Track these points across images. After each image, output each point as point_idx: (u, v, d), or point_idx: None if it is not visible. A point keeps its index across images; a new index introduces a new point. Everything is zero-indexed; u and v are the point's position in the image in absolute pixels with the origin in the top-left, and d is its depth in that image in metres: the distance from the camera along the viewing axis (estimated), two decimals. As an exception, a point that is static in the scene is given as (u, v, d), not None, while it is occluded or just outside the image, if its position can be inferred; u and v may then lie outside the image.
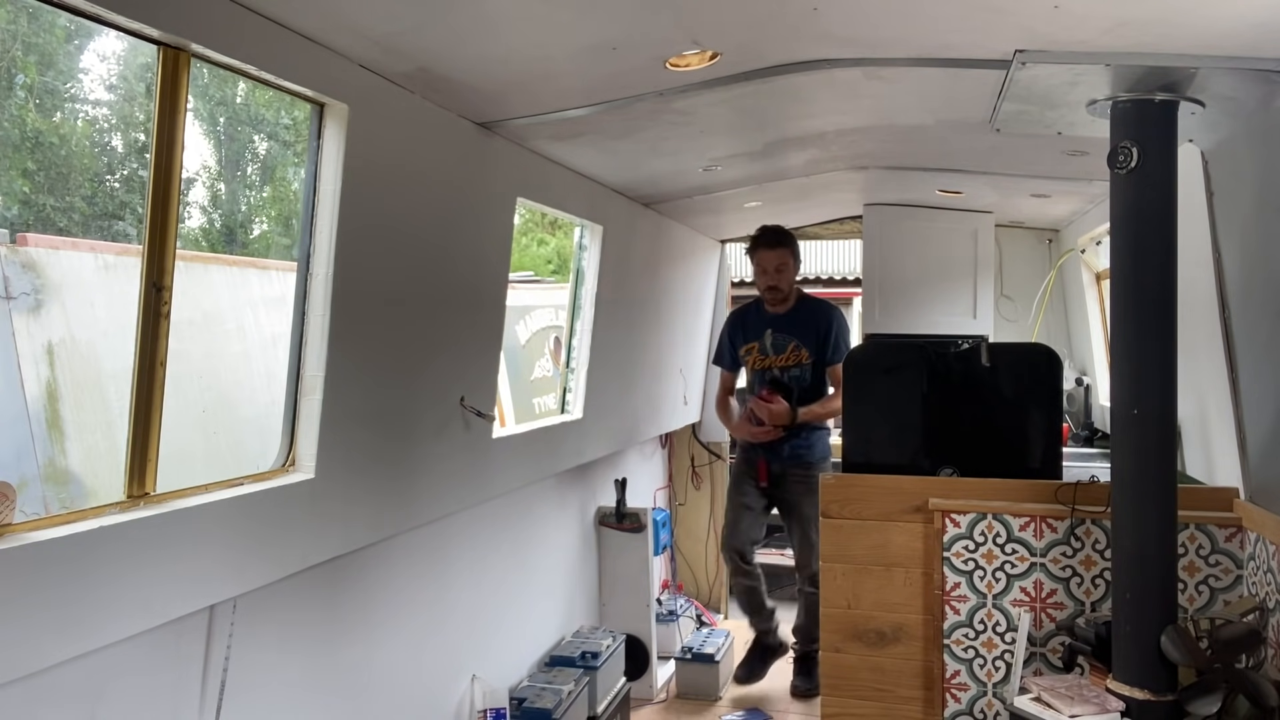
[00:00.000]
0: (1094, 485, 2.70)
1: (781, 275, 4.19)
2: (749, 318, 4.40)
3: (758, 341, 4.31)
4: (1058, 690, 2.31)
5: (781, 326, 4.26)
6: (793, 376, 4.23)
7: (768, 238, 4.19)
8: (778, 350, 4.26)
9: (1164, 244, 2.22)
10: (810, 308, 4.31)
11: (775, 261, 4.18)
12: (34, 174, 2.40)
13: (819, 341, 4.21)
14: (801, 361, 4.22)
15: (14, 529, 1.57)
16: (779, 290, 4.21)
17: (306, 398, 2.24)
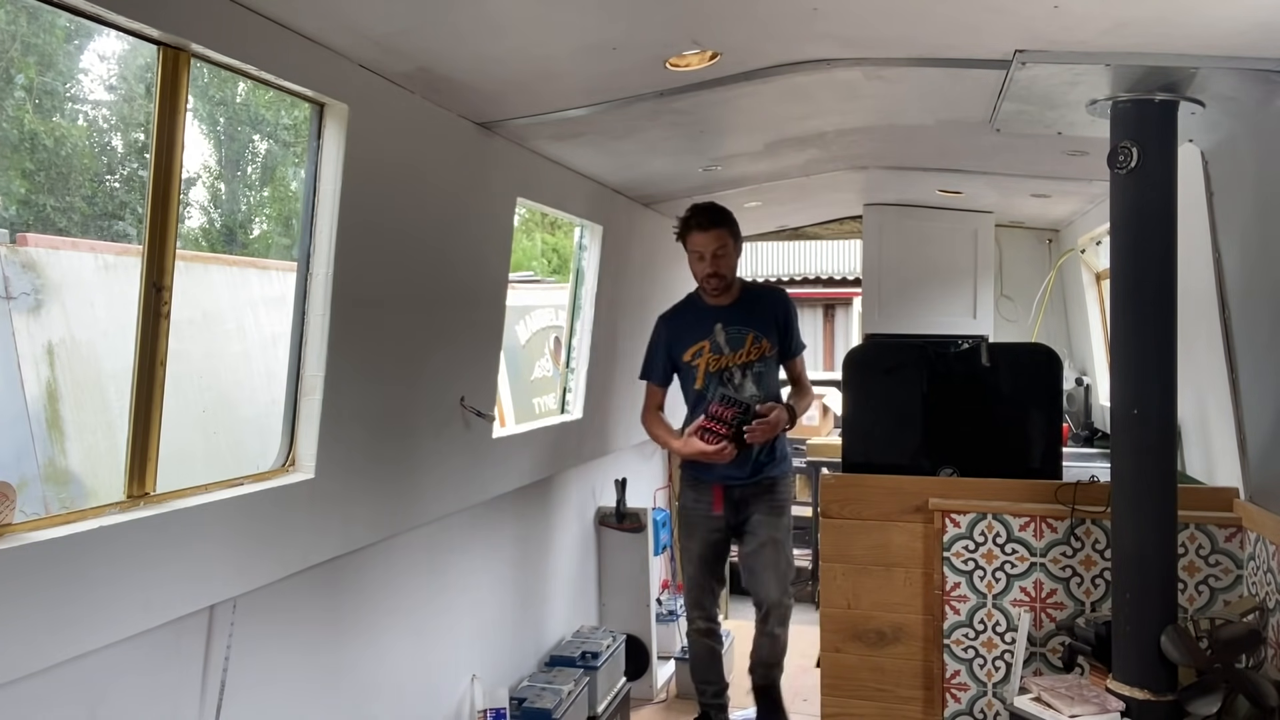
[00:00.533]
0: (1094, 485, 2.70)
1: (722, 260, 3.44)
2: (688, 316, 3.61)
3: (708, 340, 3.52)
4: (1058, 690, 2.31)
5: (733, 319, 3.53)
6: (756, 373, 3.51)
7: (701, 217, 3.40)
8: (734, 345, 3.50)
9: (1164, 244, 2.22)
10: (760, 295, 3.65)
11: (714, 245, 3.40)
12: (33, 174, 2.40)
13: (779, 330, 3.55)
14: (765, 354, 3.52)
15: (14, 529, 1.57)
16: (721, 278, 3.45)
17: (306, 398, 2.24)
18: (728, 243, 3.42)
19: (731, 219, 3.44)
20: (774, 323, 3.52)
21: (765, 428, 3.30)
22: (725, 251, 3.42)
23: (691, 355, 3.51)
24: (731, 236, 3.44)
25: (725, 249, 3.41)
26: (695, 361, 3.50)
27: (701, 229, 3.37)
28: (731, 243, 3.45)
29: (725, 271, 3.44)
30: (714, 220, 3.37)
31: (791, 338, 3.57)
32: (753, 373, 3.48)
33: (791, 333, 3.57)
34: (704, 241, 3.38)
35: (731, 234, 3.44)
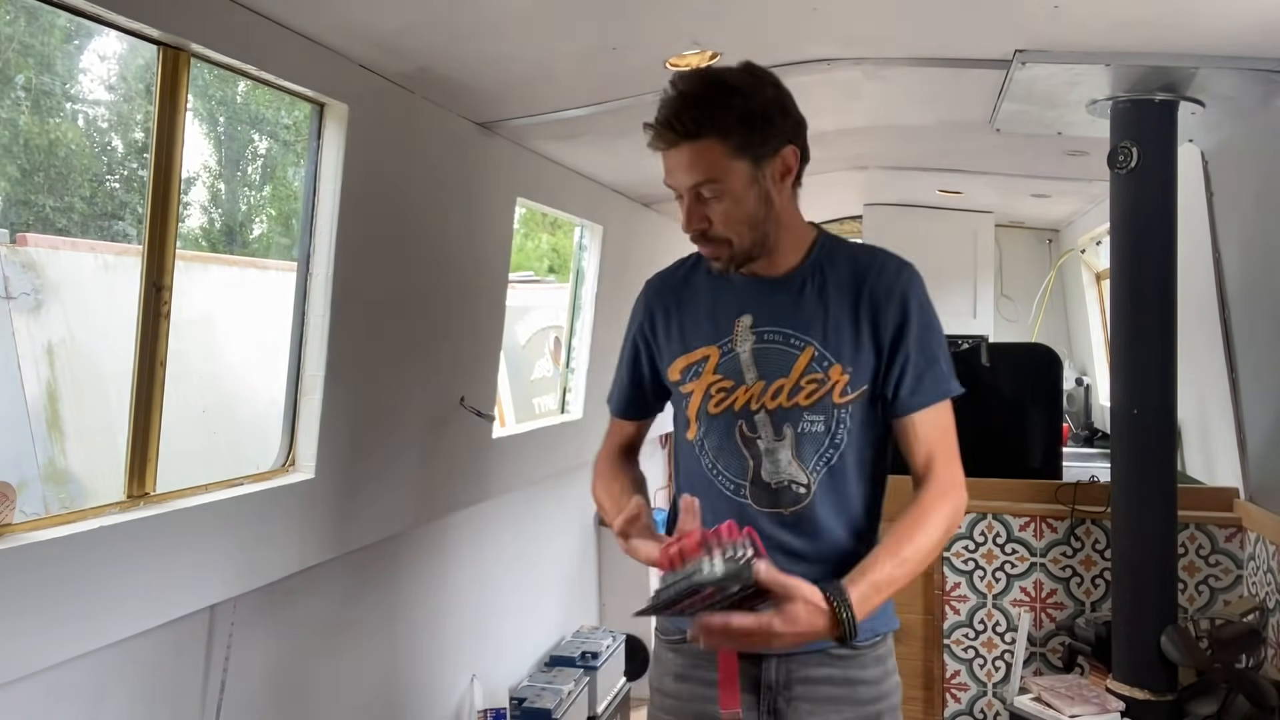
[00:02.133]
0: (1094, 485, 2.70)
1: (715, 205, 1.46)
2: (694, 288, 1.63)
3: (718, 345, 1.56)
4: (1058, 690, 2.31)
5: (779, 307, 1.54)
6: (808, 434, 1.51)
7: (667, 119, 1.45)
8: (770, 366, 1.53)
9: (1164, 244, 2.22)
10: (853, 262, 1.56)
11: (691, 175, 1.46)
12: (33, 174, 2.40)
13: (883, 346, 1.53)
14: (835, 395, 1.51)
15: (14, 529, 1.57)
16: (719, 244, 1.49)
17: (306, 398, 2.24)
18: (719, 164, 1.42)
19: (733, 109, 1.42)
20: (871, 328, 1.52)
21: (750, 630, 1.31)
22: (720, 188, 1.44)
23: (683, 371, 1.59)
24: (735, 150, 1.42)
25: (720, 181, 1.43)
26: (688, 385, 1.58)
27: (668, 141, 1.46)
28: (736, 164, 1.43)
29: (724, 230, 1.46)
30: (693, 124, 1.42)
31: (910, 365, 1.52)
32: (801, 433, 1.51)
33: (912, 357, 1.52)
34: (675, 167, 1.47)
35: (734, 145, 1.42)
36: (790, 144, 1.47)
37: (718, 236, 1.48)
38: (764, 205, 1.47)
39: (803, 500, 1.52)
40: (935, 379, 1.52)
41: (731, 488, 1.55)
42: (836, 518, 1.54)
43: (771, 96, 1.45)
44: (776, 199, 1.48)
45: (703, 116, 1.42)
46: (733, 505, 1.53)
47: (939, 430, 1.53)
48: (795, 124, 1.48)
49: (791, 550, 1.51)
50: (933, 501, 1.48)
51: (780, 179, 1.48)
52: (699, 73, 1.50)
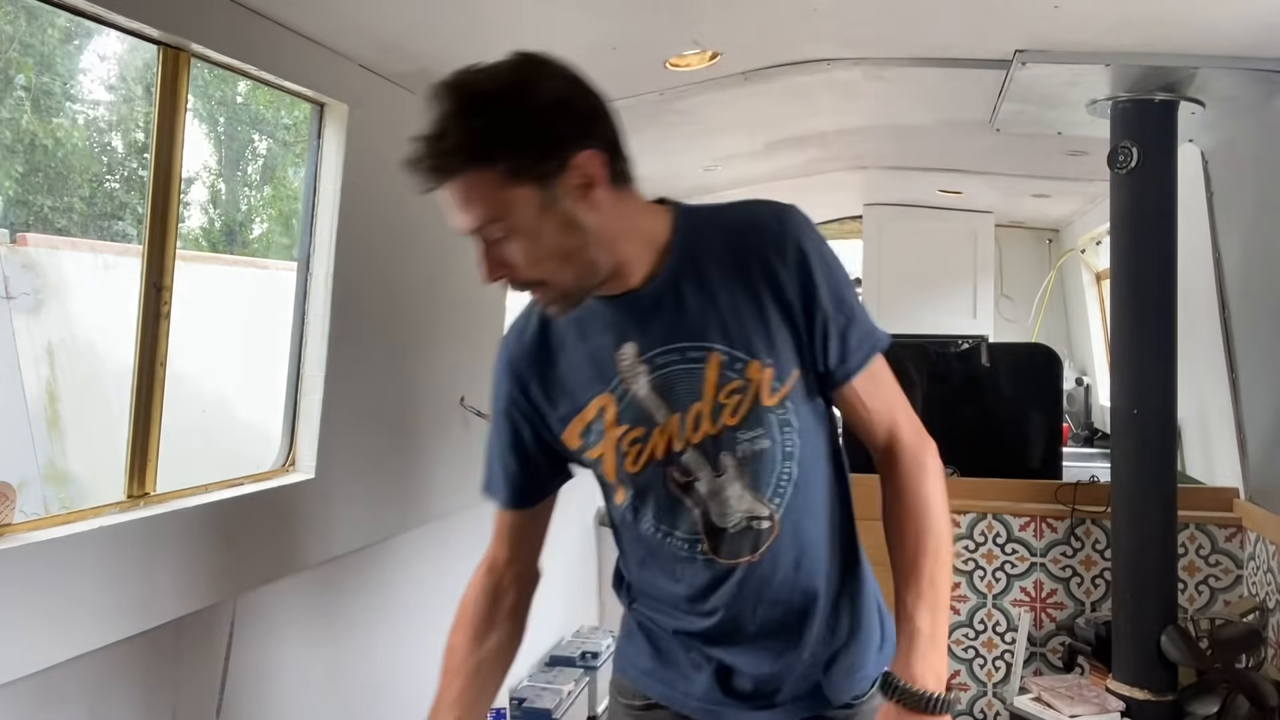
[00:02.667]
0: (1094, 485, 2.70)
1: (506, 245, 1.13)
2: (550, 336, 1.30)
3: (609, 391, 1.24)
4: (1058, 690, 2.31)
5: (656, 318, 1.23)
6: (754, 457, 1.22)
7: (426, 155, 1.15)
8: (676, 393, 1.22)
9: (1164, 244, 2.22)
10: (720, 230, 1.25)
11: (470, 214, 1.13)
12: (32, 174, 2.41)
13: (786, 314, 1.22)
14: (760, 400, 1.21)
15: (14, 529, 1.57)
16: (529, 286, 1.19)
17: (306, 398, 2.24)
18: (494, 199, 1.11)
19: (497, 126, 1.10)
20: (775, 300, 1.22)
21: None
22: (506, 225, 1.13)
23: (582, 435, 1.30)
24: (510, 176, 1.10)
25: (503, 218, 1.12)
26: (594, 449, 1.29)
27: (431, 181, 1.17)
28: (517, 193, 1.11)
29: (531, 273, 1.16)
30: (450, 157, 1.13)
31: (832, 328, 1.24)
32: (743, 457, 1.23)
33: (831, 316, 1.23)
34: (453, 208, 1.16)
35: (506, 171, 1.10)
36: (583, 148, 1.12)
37: (528, 281, 1.17)
38: (570, 232, 1.13)
39: (768, 536, 1.24)
40: (862, 334, 1.25)
41: (686, 548, 1.26)
42: (816, 541, 1.28)
43: (547, 96, 1.12)
44: (588, 218, 1.14)
45: (459, 144, 1.10)
46: (696, 567, 1.26)
47: (885, 388, 1.29)
48: (587, 120, 1.15)
49: (778, 601, 1.27)
50: (920, 481, 1.28)
51: (583, 193, 1.13)
52: (453, 85, 1.12)
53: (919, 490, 1.28)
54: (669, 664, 1.36)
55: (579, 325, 1.26)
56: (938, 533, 1.26)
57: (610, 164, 1.17)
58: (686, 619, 1.32)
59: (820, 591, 1.29)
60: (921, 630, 1.18)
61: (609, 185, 1.16)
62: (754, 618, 1.27)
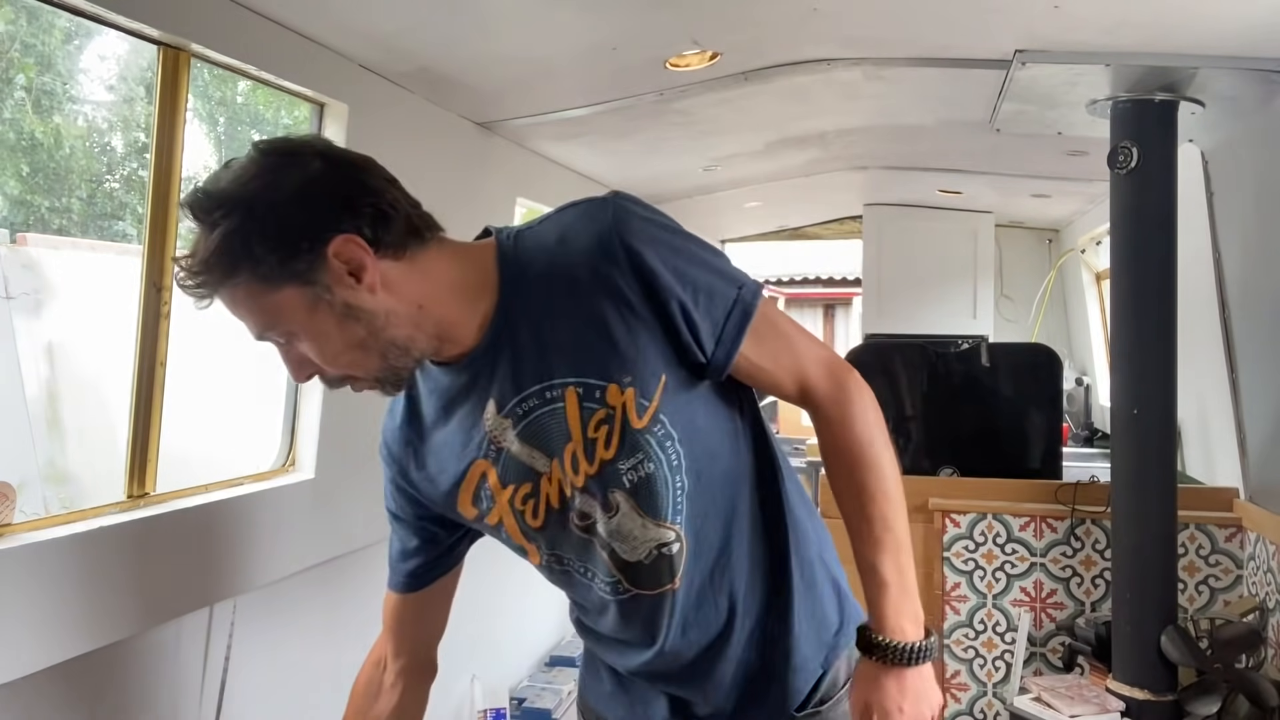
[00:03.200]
0: (1094, 485, 2.70)
1: (300, 343, 1.12)
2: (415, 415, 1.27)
3: (483, 457, 1.19)
4: (1058, 690, 2.31)
5: (504, 370, 1.15)
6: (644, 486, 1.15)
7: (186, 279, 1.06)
8: (547, 438, 1.16)
9: (1164, 244, 2.22)
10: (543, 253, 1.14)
11: (248, 323, 1.11)
12: (32, 175, 2.40)
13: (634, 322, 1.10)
14: (629, 424, 1.12)
15: (14, 529, 1.57)
16: (350, 380, 1.19)
17: (306, 398, 2.24)
18: (265, 305, 1.07)
19: (234, 236, 1.03)
20: (618, 310, 1.10)
21: None
22: (287, 329, 1.10)
23: (474, 500, 1.24)
24: (265, 282, 1.05)
25: (281, 323, 1.09)
26: (491, 515, 1.24)
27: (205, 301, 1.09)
28: (281, 295, 1.06)
29: (338, 369, 1.17)
30: (204, 277, 1.06)
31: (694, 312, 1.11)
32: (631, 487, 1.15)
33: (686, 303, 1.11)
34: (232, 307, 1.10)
35: (260, 278, 1.05)
36: (336, 234, 1.04)
37: (336, 377, 1.16)
38: (355, 322, 1.08)
39: (681, 558, 1.17)
40: (725, 301, 1.11)
41: (609, 589, 1.22)
42: (727, 538, 1.20)
43: (285, 191, 1.04)
44: (369, 303, 1.07)
45: (204, 263, 1.04)
46: (627, 605, 1.22)
47: (776, 341, 1.15)
48: (338, 202, 1.05)
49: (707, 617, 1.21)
50: (846, 422, 1.15)
51: (355, 280, 1.05)
52: (193, 198, 1.05)
53: (847, 431, 1.15)
54: (628, 689, 1.34)
55: (441, 396, 1.21)
56: (879, 469, 1.14)
57: (376, 242, 1.06)
58: (632, 654, 1.27)
59: (741, 589, 1.21)
60: (888, 579, 1.13)
61: (389, 259, 1.08)
62: (691, 641, 1.22)
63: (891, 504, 1.14)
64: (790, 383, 1.17)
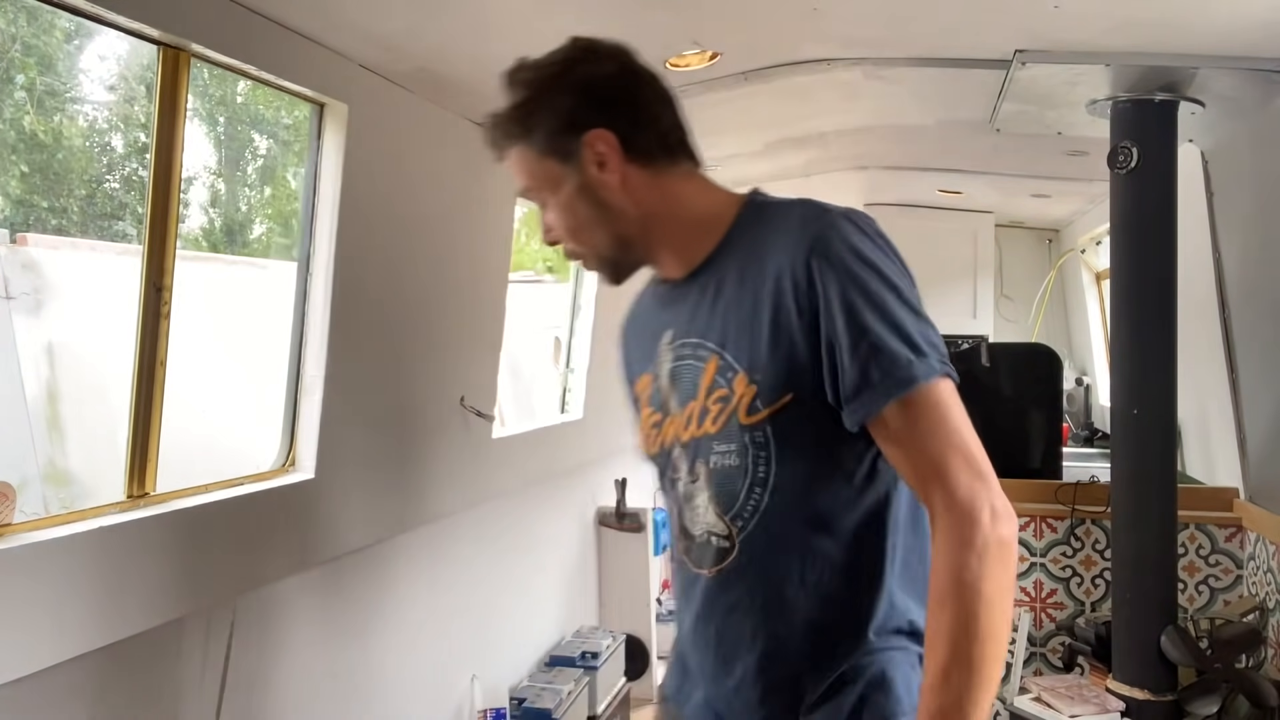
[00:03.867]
0: (1094, 485, 2.70)
1: (548, 210, 1.27)
2: (643, 311, 1.39)
3: (650, 370, 1.30)
4: (1058, 690, 2.31)
5: (687, 308, 1.24)
6: (723, 475, 1.17)
7: (485, 133, 1.26)
8: (683, 386, 1.22)
9: (1164, 244, 2.22)
10: (765, 227, 1.20)
11: (520, 183, 1.27)
12: (32, 174, 2.40)
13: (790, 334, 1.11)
14: (736, 415, 1.14)
15: (14, 529, 1.57)
16: (576, 253, 1.29)
17: (306, 398, 2.24)
18: (529, 172, 1.25)
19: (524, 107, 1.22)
20: (785, 316, 1.12)
21: None
22: (540, 196, 1.27)
23: (634, 406, 1.38)
24: (540, 152, 1.22)
25: (537, 189, 1.26)
26: (639, 421, 1.36)
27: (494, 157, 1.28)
28: (544, 166, 1.23)
29: (569, 241, 1.28)
30: (496, 134, 1.26)
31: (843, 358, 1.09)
32: (713, 469, 1.19)
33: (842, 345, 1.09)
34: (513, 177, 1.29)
35: (536, 147, 1.22)
36: (595, 127, 1.19)
37: (571, 249, 1.27)
38: (595, 206, 1.21)
39: (727, 556, 1.17)
40: (887, 366, 1.06)
41: (674, 546, 1.27)
42: (788, 578, 1.14)
43: (574, 80, 1.21)
44: (607, 195, 1.21)
45: (500, 123, 1.23)
46: (678, 567, 1.27)
47: (926, 434, 1.06)
48: (607, 102, 1.21)
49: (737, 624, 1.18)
50: (953, 558, 1.02)
51: (599, 169, 1.20)
52: (510, 69, 1.24)
53: (957, 564, 1.02)
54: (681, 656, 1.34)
55: (655, 303, 1.33)
56: (972, 621, 1.00)
57: (629, 144, 1.20)
58: (681, 613, 1.30)
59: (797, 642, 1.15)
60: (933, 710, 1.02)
61: (634, 164, 1.21)
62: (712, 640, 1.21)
63: (971, 662, 1.00)
64: (918, 479, 1.08)
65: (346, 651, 2.67)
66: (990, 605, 1.01)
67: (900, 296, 1.10)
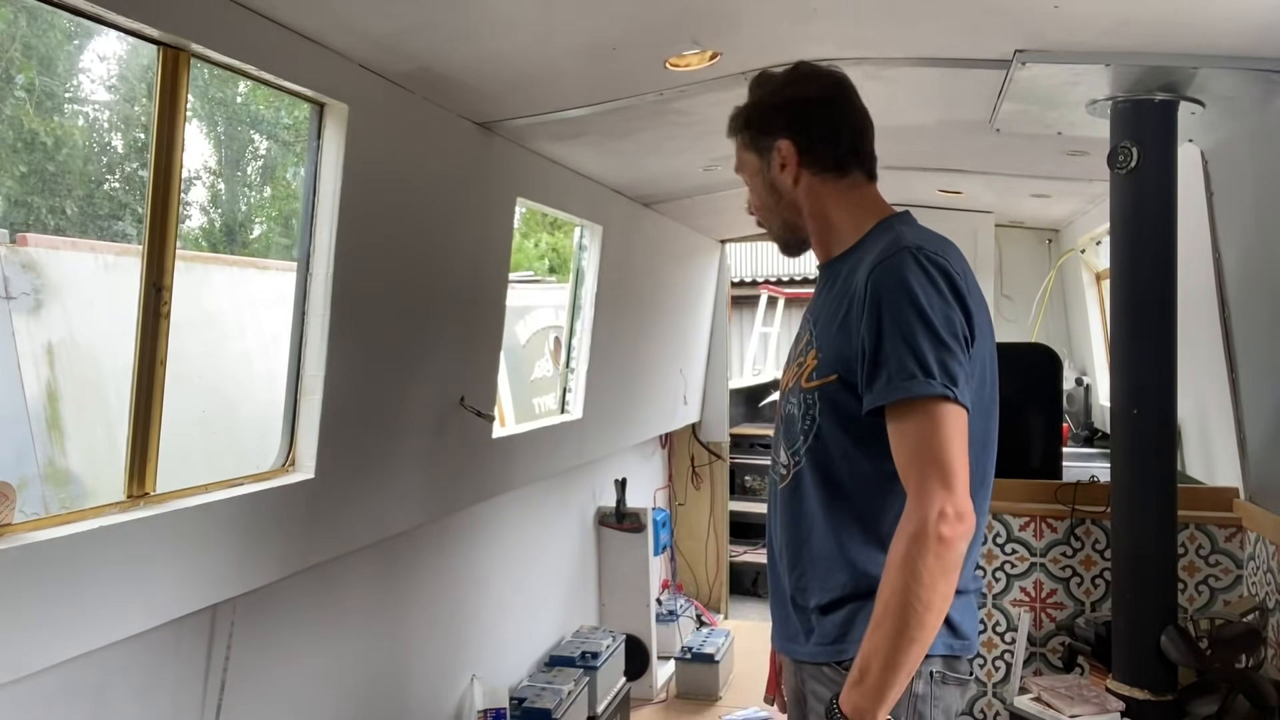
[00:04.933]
0: (1094, 485, 2.70)
1: (748, 189, 1.74)
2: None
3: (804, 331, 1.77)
4: (1058, 690, 2.31)
5: (816, 293, 1.73)
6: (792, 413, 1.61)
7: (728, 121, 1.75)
8: (795, 350, 1.70)
9: (1164, 244, 2.22)
10: (864, 254, 1.56)
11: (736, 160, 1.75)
12: (32, 174, 2.40)
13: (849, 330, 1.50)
14: (800, 379, 1.59)
15: (14, 529, 1.57)
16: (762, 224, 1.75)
17: (306, 398, 2.24)
18: (740, 158, 1.71)
19: (746, 110, 1.68)
20: (849, 315, 1.50)
21: None
22: (744, 177, 1.72)
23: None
24: (746, 145, 1.69)
25: (741, 171, 1.72)
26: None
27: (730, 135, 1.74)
28: (747, 157, 1.69)
29: (755, 214, 1.73)
30: (730, 124, 1.71)
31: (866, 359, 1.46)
32: (785, 414, 1.64)
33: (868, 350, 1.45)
34: None
35: (746, 142, 1.69)
36: (786, 137, 1.60)
37: (758, 221, 1.72)
38: (772, 194, 1.64)
39: (783, 481, 1.59)
40: (888, 380, 1.39)
41: (774, 456, 1.67)
42: (817, 506, 1.52)
43: (783, 97, 1.62)
44: (786, 189, 1.62)
45: (732, 117, 1.68)
46: (770, 484, 1.70)
47: (907, 441, 1.38)
48: (801, 119, 1.60)
49: (787, 533, 1.60)
50: (895, 544, 1.36)
51: (781, 169, 1.61)
52: (751, 80, 1.70)
53: (897, 547, 1.36)
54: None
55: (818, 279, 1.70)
56: (893, 586, 1.34)
57: (807, 154, 1.60)
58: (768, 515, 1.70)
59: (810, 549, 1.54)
60: (865, 669, 1.36)
61: (808, 170, 1.61)
62: (774, 532, 1.63)
63: (890, 614, 1.34)
64: (899, 465, 1.40)
65: (347, 651, 2.67)
66: (919, 583, 1.32)
67: (928, 326, 1.40)
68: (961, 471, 1.36)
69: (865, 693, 1.36)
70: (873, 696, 1.35)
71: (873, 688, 1.35)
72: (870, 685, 1.35)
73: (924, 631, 1.34)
